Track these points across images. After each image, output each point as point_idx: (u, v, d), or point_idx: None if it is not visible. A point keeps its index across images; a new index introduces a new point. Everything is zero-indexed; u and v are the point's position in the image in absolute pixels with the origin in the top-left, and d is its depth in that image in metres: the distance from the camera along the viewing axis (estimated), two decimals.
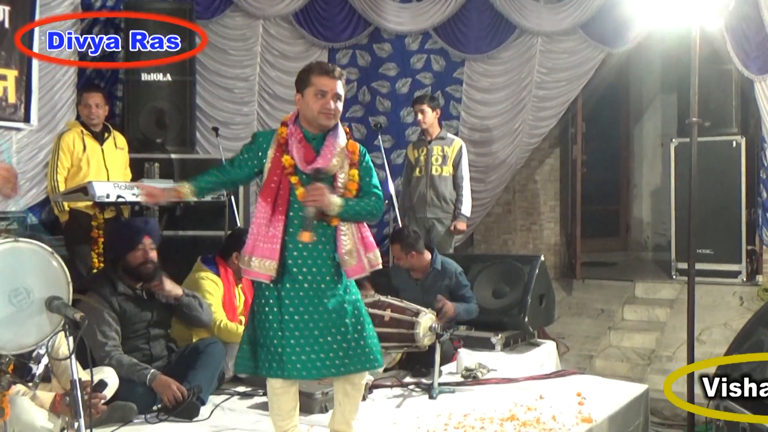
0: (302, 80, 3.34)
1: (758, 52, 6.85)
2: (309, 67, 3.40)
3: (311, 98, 3.29)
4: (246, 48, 7.78)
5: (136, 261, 4.25)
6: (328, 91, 3.30)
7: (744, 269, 7.38)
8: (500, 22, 7.66)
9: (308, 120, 3.33)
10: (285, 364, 3.24)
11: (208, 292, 4.65)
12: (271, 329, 3.27)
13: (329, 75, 3.32)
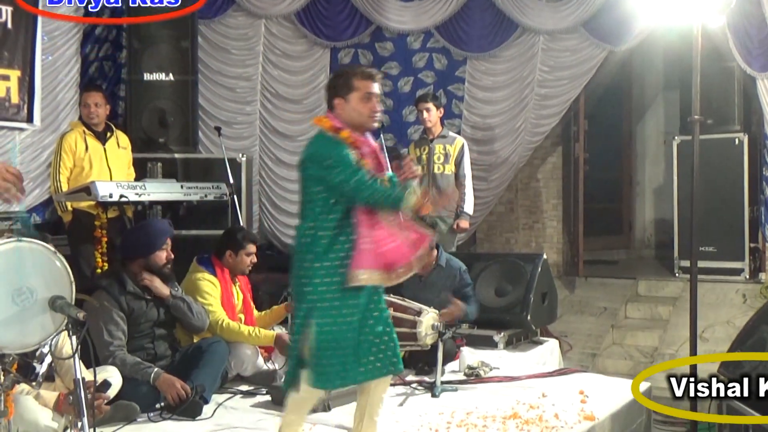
0: (345, 85, 3.33)
1: (761, 50, 6.84)
2: (350, 72, 3.40)
3: (358, 102, 3.31)
4: (248, 47, 7.79)
5: (161, 261, 4.35)
6: (373, 93, 3.34)
7: (747, 267, 7.38)
8: (502, 21, 7.65)
9: (354, 123, 3.32)
10: (362, 369, 3.29)
11: (206, 292, 4.66)
12: (355, 335, 3.27)
13: (373, 78, 3.36)
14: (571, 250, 8.55)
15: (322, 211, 3.24)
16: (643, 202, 10.09)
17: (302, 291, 3.26)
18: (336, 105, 3.33)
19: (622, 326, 7.42)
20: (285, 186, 7.96)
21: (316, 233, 3.22)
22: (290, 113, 7.93)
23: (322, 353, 3.21)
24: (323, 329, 3.20)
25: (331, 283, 3.20)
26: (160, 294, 4.34)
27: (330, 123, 3.31)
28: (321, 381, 3.28)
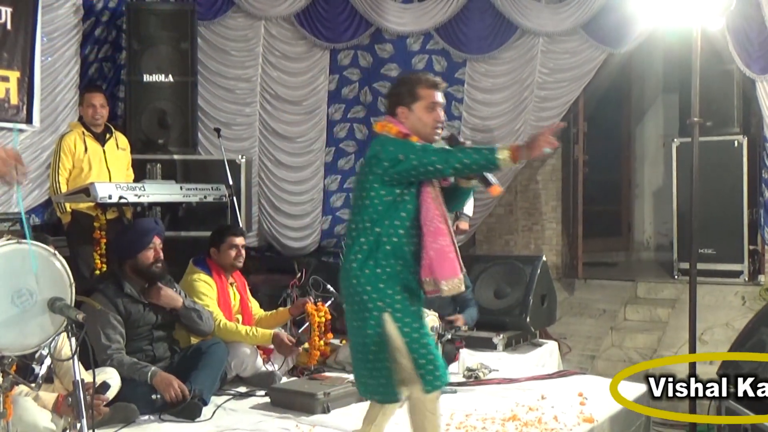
0: (408, 94, 3.26)
1: (760, 52, 6.85)
2: (413, 80, 3.32)
3: (422, 112, 3.24)
4: (248, 49, 7.78)
5: (148, 261, 4.30)
6: (438, 103, 3.28)
7: (746, 269, 7.38)
8: (502, 23, 7.66)
9: (419, 133, 3.25)
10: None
11: (202, 293, 4.67)
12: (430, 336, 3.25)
13: (437, 87, 3.29)
14: (571, 252, 8.55)
15: (386, 216, 3.14)
16: (642, 205, 10.09)
17: (364, 299, 3.14)
18: (399, 114, 3.26)
19: (621, 328, 7.42)
20: (284, 187, 7.96)
21: (380, 238, 3.13)
22: (290, 115, 7.92)
23: (423, 354, 3.11)
24: (411, 333, 3.11)
25: (394, 287, 3.13)
26: (173, 305, 4.30)
27: (397, 129, 3.24)
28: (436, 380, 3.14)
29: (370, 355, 3.15)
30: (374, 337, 3.12)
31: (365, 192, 3.19)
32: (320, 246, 8.16)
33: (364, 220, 3.17)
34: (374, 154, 3.21)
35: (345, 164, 8.15)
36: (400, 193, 3.15)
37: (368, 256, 3.14)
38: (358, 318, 3.18)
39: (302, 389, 4.28)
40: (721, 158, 7.32)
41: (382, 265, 3.13)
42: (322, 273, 5.76)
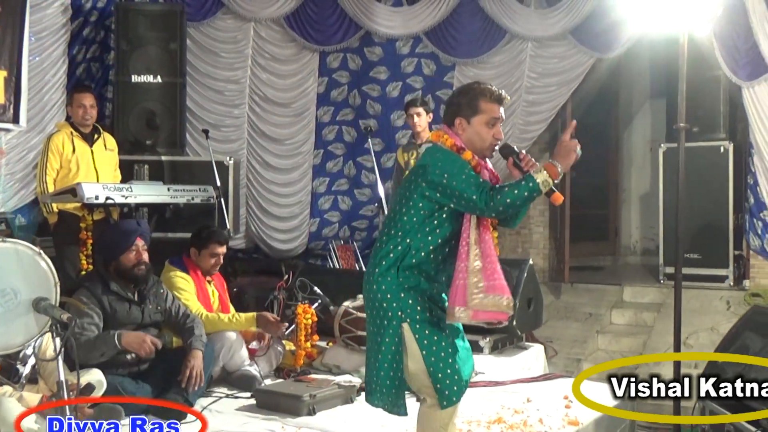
0: (469, 106, 3.08)
1: (747, 59, 6.91)
2: (476, 92, 3.11)
3: (481, 127, 3.07)
4: (237, 50, 7.78)
5: (130, 263, 4.25)
6: (499, 119, 3.11)
7: (731, 274, 7.44)
8: (491, 27, 7.70)
9: (474, 148, 3.08)
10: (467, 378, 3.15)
11: (181, 288, 4.66)
12: (455, 348, 3.12)
13: (501, 102, 3.12)
14: (558, 256, 8.58)
15: (419, 229, 3.04)
16: (629, 209, 10.14)
17: (384, 306, 3.04)
18: (456, 124, 3.09)
19: (607, 332, 7.45)
20: (272, 189, 7.96)
21: (408, 250, 3.04)
22: (278, 117, 7.93)
23: (441, 368, 3.01)
24: (429, 346, 3.01)
25: (416, 298, 3.03)
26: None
27: (452, 141, 3.07)
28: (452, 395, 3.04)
29: (385, 364, 3.06)
30: (390, 346, 3.04)
31: (406, 200, 3.08)
32: (308, 248, 8.17)
33: (398, 227, 3.08)
34: (424, 164, 3.07)
35: (333, 167, 8.16)
36: (438, 210, 3.03)
37: (392, 264, 3.04)
38: (375, 324, 3.09)
39: (288, 391, 4.27)
40: (707, 164, 7.37)
41: (405, 275, 3.03)
42: (309, 275, 5.75)
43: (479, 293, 2.98)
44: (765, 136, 6.92)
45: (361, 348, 5.04)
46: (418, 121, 6.32)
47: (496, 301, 3.00)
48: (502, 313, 3.04)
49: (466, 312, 2.98)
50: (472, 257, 3.00)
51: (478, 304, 2.98)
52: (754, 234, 7.28)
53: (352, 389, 4.42)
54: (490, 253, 3.04)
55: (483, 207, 2.94)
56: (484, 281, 2.99)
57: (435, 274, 3.09)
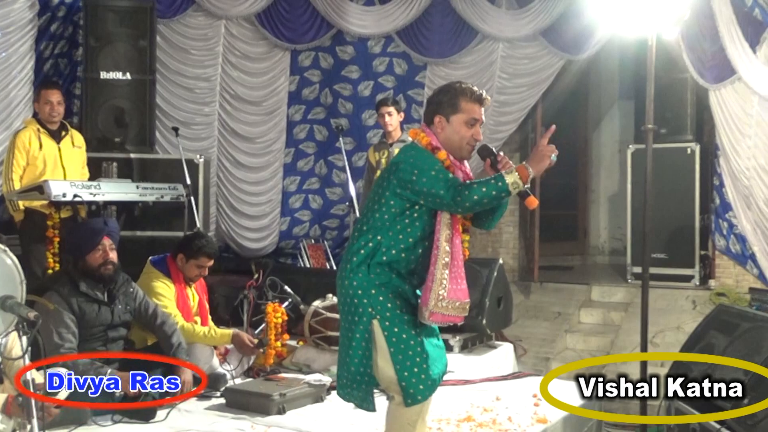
0: (449, 104, 3.10)
1: (713, 62, 7.00)
2: (458, 90, 3.12)
3: (461, 126, 3.08)
4: (208, 48, 7.73)
5: (96, 262, 4.19)
6: (478, 119, 3.12)
7: (697, 274, 7.55)
8: (462, 27, 7.73)
9: (452, 147, 3.10)
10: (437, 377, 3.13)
11: (160, 294, 4.60)
12: (424, 346, 3.10)
13: (481, 102, 3.14)
14: (527, 256, 8.65)
15: (390, 227, 3.04)
16: (597, 210, 10.25)
17: (355, 303, 3.05)
18: (436, 122, 3.11)
19: (575, 331, 7.52)
20: (243, 188, 7.92)
21: (379, 247, 3.05)
22: (249, 115, 7.90)
23: (407, 366, 3.01)
24: (398, 343, 3.01)
25: (386, 294, 3.04)
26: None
27: (428, 140, 3.09)
28: (418, 393, 3.03)
29: (355, 359, 3.08)
30: (361, 341, 3.05)
31: (378, 197, 3.09)
32: (278, 247, 8.15)
33: (370, 224, 3.09)
34: (396, 162, 3.09)
35: (304, 165, 8.15)
36: (409, 208, 3.04)
37: (363, 261, 3.05)
38: (347, 320, 3.10)
39: (258, 390, 4.26)
40: (674, 165, 7.47)
41: (376, 272, 3.04)
42: (279, 274, 5.74)
43: (442, 299, 3.00)
44: (731, 138, 7.02)
45: (331, 348, 5.04)
46: (390, 121, 6.33)
47: (456, 306, 3.04)
48: (457, 317, 3.08)
49: (427, 313, 3.01)
50: (441, 260, 3.01)
51: (437, 307, 3.00)
52: (719, 234, 7.40)
53: (322, 388, 4.42)
54: (458, 258, 3.06)
55: (450, 201, 2.94)
56: (449, 285, 3.01)
57: (406, 273, 3.10)
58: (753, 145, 6.90)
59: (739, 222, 7.13)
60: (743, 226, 7.09)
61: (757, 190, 6.89)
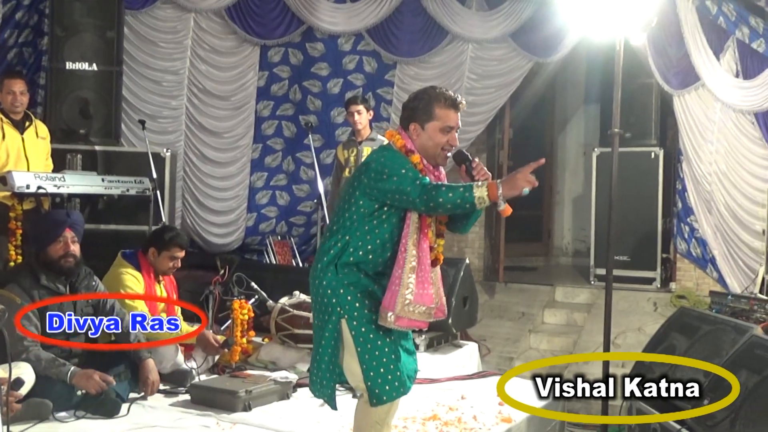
0: (424, 111, 3.08)
1: (678, 68, 7.13)
2: (432, 97, 3.09)
3: (435, 133, 3.07)
4: (176, 41, 7.66)
5: (57, 254, 4.13)
6: (454, 126, 3.11)
7: (658, 276, 7.69)
8: (433, 27, 7.76)
9: (427, 154, 3.10)
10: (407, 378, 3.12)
11: (128, 287, 4.56)
12: (394, 347, 3.09)
13: (456, 109, 3.12)
14: (492, 256, 8.72)
15: (359, 228, 3.03)
16: (561, 211, 10.36)
17: (325, 302, 3.05)
18: (411, 129, 3.10)
19: (539, 331, 7.60)
20: (209, 183, 7.87)
21: (347, 247, 3.03)
22: (217, 109, 7.84)
23: (373, 366, 3.00)
24: (365, 343, 3.00)
25: (355, 294, 3.02)
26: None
27: (402, 142, 3.09)
28: (383, 394, 3.02)
29: (325, 357, 3.08)
30: (330, 340, 3.05)
31: (349, 197, 3.08)
32: (244, 243, 8.10)
33: (340, 224, 3.08)
34: (368, 162, 3.09)
35: (272, 161, 8.11)
36: (378, 209, 3.03)
37: (332, 261, 3.04)
38: (319, 318, 3.11)
39: (223, 387, 4.23)
40: (638, 169, 7.59)
41: (345, 272, 3.03)
42: (245, 270, 5.72)
43: (409, 303, 3.00)
44: (694, 144, 7.15)
45: (298, 346, 5.04)
46: (359, 119, 6.33)
47: (422, 311, 3.04)
48: (423, 322, 3.09)
49: (392, 317, 3.00)
50: (408, 264, 3.01)
51: (404, 311, 2.99)
52: (681, 238, 7.53)
53: (289, 385, 4.41)
54: (425, 262, 3.05)
55: (416, 199, 2.93)
56: (415, 289, 3.01)
57: (374, 274, 3.09)
58: (715, 151, 7.05)
59: (700, 226, 7.28)
60: (704, 230, 7.24)
61: (718, 195, 7.04)
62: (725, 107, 6.92)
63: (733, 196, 6.95)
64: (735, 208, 6.94)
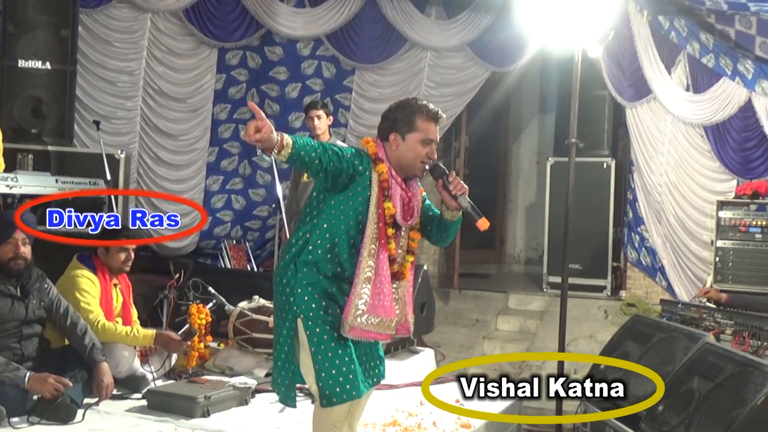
0: (405, 122, 3.08)
1: (631, 81, 7.31)
2: (414, 108, 3.11)
3: (416, 144, 3.07)
4: (132, 41, 7.53)
5: (6, 256, 4.06)
6: (434, 139, 3.12)
7: (609, 284, 7.84)
8: (392, 34, 7.79)
9: (401, 165, 3.10)
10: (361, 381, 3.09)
11: (84, 290, 4.47)
12: (349, 351, 3.08)
13: (437, 122, 3.12)
14: (447, 263, 8.77)
15: (318, 225, 3.04)
16: (515, 220, 10.49)
17: (283, 300, 3.07)
18: (391, 140, 3.10)
19: (492, 338, 7.68)
20: (164, 185, 7.76)
21: (306, 245, 3.05)
22: (173, 111, 7.74)
23: (326, 367, 3.01)
24: (318, 344, 3.01)
25: (312, 294, 3.03)
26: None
27: (375, 149, 3.10)
28: (333, 395, 3.02)
29: (282, 355, 3.12)
30: (287, 338, 3.09)
31: (314, 200, 3.12)
32: (198, 247, 8.01)
33: (305, 222, 3.10)
34: None
35: (228, 165, 8.04)
36: (335, 206, 3.04)
37: (292, 258, 3.06)
38: (278, 316, 3.14)
39: (182, 392, 4.19)
40: (590, 178, 7.73)
41: (304, 271, 3.04)
42: (200, 274, 5.67)
43: (361, 313, 3.01)
44: (645, 155, 7.32)
45: (255, 350, 5.01)
46: (318, 124, 6.31)
47: (376, 322, 3.05)
48: (380, 334, 3.10)
49: (346, 327, 3.01)
50: (363, 274, 3.02)
51: (356, 322, 3.01)
52: (631, 247, 7.70)
53: (248, 391, 4.38)
54: (382, 274, 3.05)
55: (319, 152, 2.91)
56: (370, 300, 3.02)
57: (332, 276, 3.08)
58: (665, 162, 7.23)
59: (650, 235, 7.44)
60: (654, 239, 7.41)
61: (668, 205, 7.22)
62: (676, 120, 7.11)
63: (683, 206, 7.14)
64: (684, 218, 7.13)
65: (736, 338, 4.38)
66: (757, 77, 6.56)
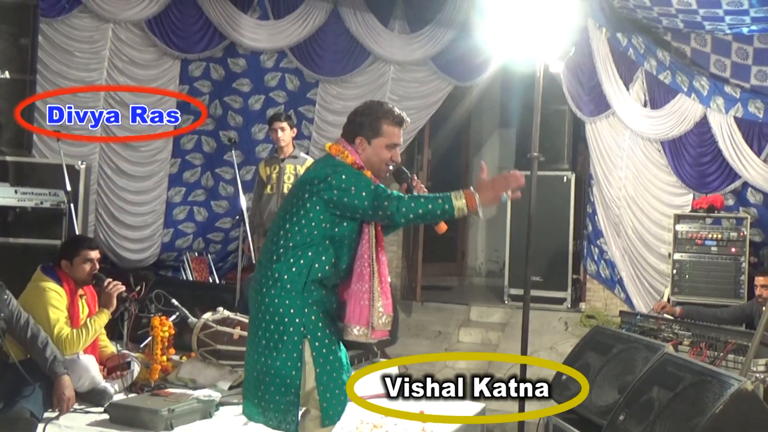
0: (371, 127, 3.12)
1: (590, 96, 7.44)
2: (379, 113, 3.15)
3: (381, 148, 3.14)
4: (93, 51, 7.45)
5: None
6: (399, 143, 3.19)
7: (569, 296, 7.95)
8: (355, 48, 7.84)
9: (371, 168, 3.15)
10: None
11: (52, 305, 4.39)
12: (342, 364, 3.11)
13: (402, 126, 3.19)
14: (410, 276, 8.81)
15: (320, 243, 3.04)
16: (476, 233, 10.57)
17: (285, 321, 3.01)
18: (357, 143, 3.14)
19: (455, 350, 7.73)
20: (124, 197, 7.67)
21: (312, 264, 3.03)
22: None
23: (330, 387, 3.03)
24: (324, 364, 3.02)
25: (318, 313, 3.04)
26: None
27: (352, 158, 3.12)
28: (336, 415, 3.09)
29: (277, 379, 3.01)
30: (287, 361, 3.00)
31: (302, 211, 3.05)
32: (159, 259, 7.92)
33: (295, 240, 3.03)
34: (323, 177, 3.04)
35: (191, 176, 7.98)
36: (338, 223, 3.05)
37: (297, 279, 3.00)
38: (272, 339, 3.02)
39: (144, 405, 4.14)
40: (551, 192, 7.84)
41: (310, 290, 3.01)
42: (162, 287, 5.61)
43: (381, 315, 3.06)
44: (604, 169, 7.45)
45: (219, 362, 4.97)
46: (282, 136, 6.30)
47: (388, 321, 3.12)
48: (386, 332, 3.15)
49: (367, 331, 3.04)
50: (375, 278, 3.06)
51: (380, 324, 3.06)
52: (591, 259, 7.82)
53: (211, 404, 4.35)
54: (384, 273, 3.12)
55: (394, 212, 2.95)
56: (383, 302, 3.07)
57: (332, 287, 3.12)
58: (624, 176, 7.36)
59: (609, 248, 7.57)
60: (613, 252, 7.53)
61: (627, 218, 7.35)
62: (634, 135, 7.25)
63: (641, 220, 7.27)
64: (642, 231, 7.26)
65: (694, 349, 4.48)
66: (711, 94, 6.72)
